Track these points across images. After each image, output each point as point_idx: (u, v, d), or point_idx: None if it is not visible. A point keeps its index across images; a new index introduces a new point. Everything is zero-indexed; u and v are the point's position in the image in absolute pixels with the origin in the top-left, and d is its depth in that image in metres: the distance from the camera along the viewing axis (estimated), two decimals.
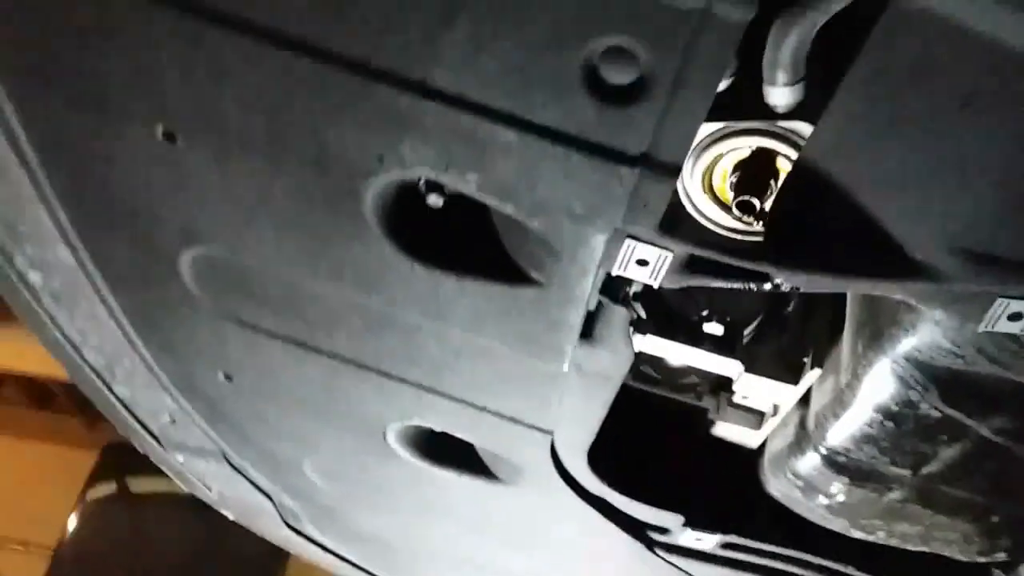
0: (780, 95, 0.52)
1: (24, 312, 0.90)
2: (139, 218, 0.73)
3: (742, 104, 0.54)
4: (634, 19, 0.44)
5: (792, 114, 0.54)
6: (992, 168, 0.48)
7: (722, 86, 0.53)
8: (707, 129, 0.56)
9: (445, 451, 1.01)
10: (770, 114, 0.55)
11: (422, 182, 0.64)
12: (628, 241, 0.60)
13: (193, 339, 0.89)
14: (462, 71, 0.51)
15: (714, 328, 0.82)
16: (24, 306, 0.88)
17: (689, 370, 0.91)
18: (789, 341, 0.85)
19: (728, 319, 0.83)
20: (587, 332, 0.74)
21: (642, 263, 0.62)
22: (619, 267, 0.63)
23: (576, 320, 0.71)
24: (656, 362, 0.90)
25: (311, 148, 0.60)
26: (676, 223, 0.61)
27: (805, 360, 0.85)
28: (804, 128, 0.55)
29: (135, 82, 0.59)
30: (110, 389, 1.03)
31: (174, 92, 0.59)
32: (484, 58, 0.49)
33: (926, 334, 0.65)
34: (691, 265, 0.63)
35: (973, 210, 0.51)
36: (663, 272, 0.62)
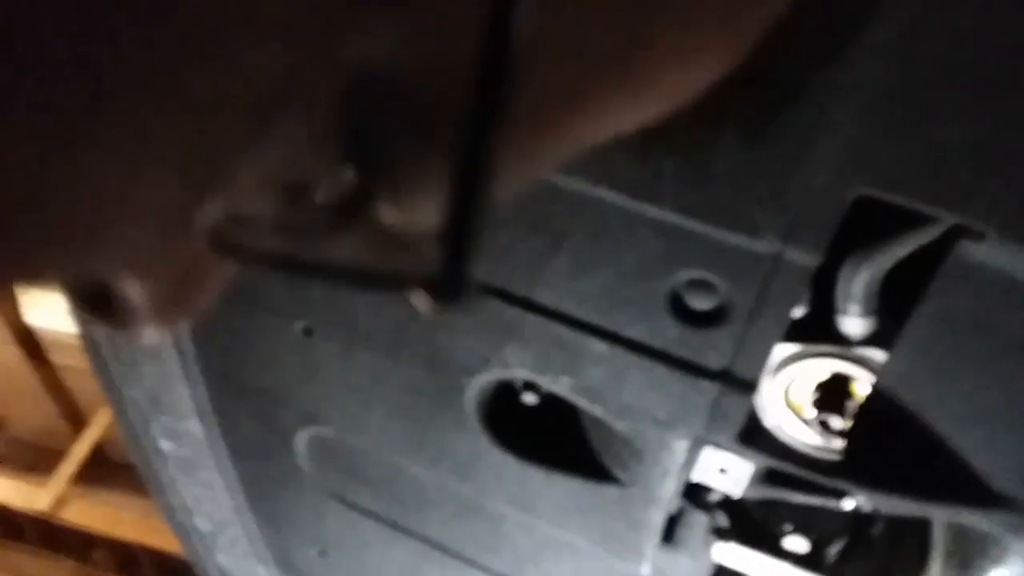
0: (853, 325, 0.57)
1: (149, 476, 0.98)
2: (267, 397, 0.82)
3: (819, 330, 0.59)
4: (715, 258, 0.51)
5: (867, 342, 0.58)
6: None
7: (799, 313, 0.58)
8: (785, 350, 0.61)
9: None
10: (845, 341, 0.59)
11: (519, 381, 0.70)
12: (708, 448, 0.64)
13: (296, 514, 0.94)
14: (562, 291, 0.58)
15: (798, 544, 0.82)
16: (151, 471, 0.97)
17: None
18: (876, 564, 0.83)
19: (813, 536, 0.82)
20: (668, 536, 0.75)
21: (723, 471, 0.65)
22: (700, 473, 0.65)
23: (657, 521, 0.73)
24: None
25: (426, 348, 0.68)
26: (757, 435, 0.64)
27: None
28: (879, 355, 0.58)
29: (288, 291, 0.70)
30: (211, 557, 1.08)
31: (319, 301, 0.69)
32: (582, 281, 0.57)
33: (1016, 567, 0.64)
34: (771, 477, 0.65)
35: None
36: (743, 481, 0.65)
